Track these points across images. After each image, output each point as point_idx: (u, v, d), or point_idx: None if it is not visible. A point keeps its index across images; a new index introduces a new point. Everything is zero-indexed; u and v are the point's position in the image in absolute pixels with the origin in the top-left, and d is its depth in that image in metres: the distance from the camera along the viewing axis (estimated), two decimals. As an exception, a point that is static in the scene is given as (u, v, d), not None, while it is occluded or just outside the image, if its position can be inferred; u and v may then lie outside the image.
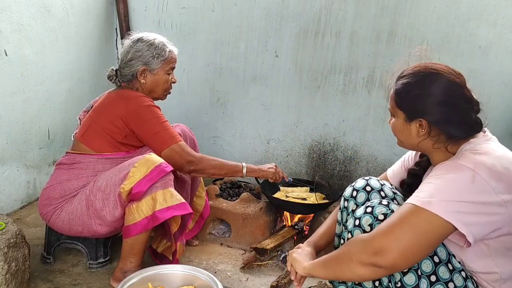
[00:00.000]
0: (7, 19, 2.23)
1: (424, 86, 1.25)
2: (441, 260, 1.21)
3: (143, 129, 1.87)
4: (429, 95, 1.24)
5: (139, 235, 1.77)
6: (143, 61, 1.94)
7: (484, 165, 1.12)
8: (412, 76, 1.29)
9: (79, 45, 2.79)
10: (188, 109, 3.12)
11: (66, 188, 1.85)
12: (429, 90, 1.24)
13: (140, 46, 1.95)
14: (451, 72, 1.27)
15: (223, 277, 1.99)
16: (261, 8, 2.77)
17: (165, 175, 1.77)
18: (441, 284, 1.19)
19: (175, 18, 2.98)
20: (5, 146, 2.35)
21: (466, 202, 1.09)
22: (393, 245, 1.10)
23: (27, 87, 2.42)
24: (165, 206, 1.74)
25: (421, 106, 1.25)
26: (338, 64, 2.71)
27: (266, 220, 2.33)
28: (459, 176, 1.12)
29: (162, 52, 1.96)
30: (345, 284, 1.28)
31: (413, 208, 1.12)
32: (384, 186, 1.48)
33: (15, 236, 1.62)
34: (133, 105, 1.87)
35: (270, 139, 2.99)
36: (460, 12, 2.41)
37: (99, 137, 1.89)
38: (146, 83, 1.98)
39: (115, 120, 1.86)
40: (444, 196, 1.10)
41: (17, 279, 1.61)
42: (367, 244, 1.15)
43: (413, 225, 1.10)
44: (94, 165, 1.88)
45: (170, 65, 2.01)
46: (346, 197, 1.51)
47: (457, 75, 1.27)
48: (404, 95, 1.29)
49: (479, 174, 1.10)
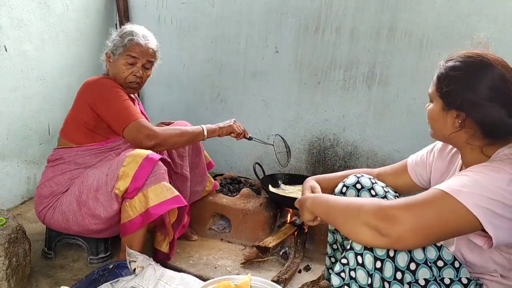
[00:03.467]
0: (7, 15, 2.22)
1: (471, 75, 1.14)
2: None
3: (105, 110, 1.86)
4: (474, 86, 1.13)
5: (136, 232, 1.79)
6: (110, 47, 1.98)
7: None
8: (461, 62, 1.17)
9: (79, 41, 2.79)
10: (188, 105, 3.12)
11: (52, 184, 1.87)
12: (476, 81, 1.13)
13: (115, 33, 2.00)
14: (505, 66, 1.14)
15: (223, 272, 1.99)
16: (261, 4, 2.77)
17: (156, 168, 1.78)
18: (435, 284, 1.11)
19: (175, 14, 2.98)
20: (6, 141, 2.35)
21: (499, 201, 1.02)
22: (408, 219, 1.02)
23: (27, 83, 2.42)
24: (157, 202, 1.75)
25: (463, 96, 1.14)
26: (338, 59, 2.70)
27: (266, 216, 2.33)
28: (495, 177, 1.05)
29: (123, 40, 1.94)
30: (340, 276, 1.23)
31: (440, 193, 1.05)
32: (375, 185, 1.45)
33: (15, 231, 1.62)
34: (96, 87, 1.89)
35: (270, 135, 2.98)
36: (461, 8, 2.41)
37: (76, 129, 1.91)
38: (109, 68, 2.01)
39: (84, 107, 1.88)
40: (476, 189, 1.03)
41: (18, 274, 1.62)
42: (381, 208, 1.06)
43: (437, 208, 1.03)
44: (74, 158, 1.89)
45: (129, 54, 1.93)
46: (336, 193, 1.49)
47: (510, 70, 1.14)
48: (447, 81, 1.17)
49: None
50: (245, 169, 3.01)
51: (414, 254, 1.09)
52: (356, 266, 1.13)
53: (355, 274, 1.13)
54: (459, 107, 1.16)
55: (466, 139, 1.18)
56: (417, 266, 1.09)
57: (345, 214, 1.14)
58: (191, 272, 1.90)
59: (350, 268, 1.15)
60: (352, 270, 1.15)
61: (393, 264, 1.09)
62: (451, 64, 1.19)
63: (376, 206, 1.08)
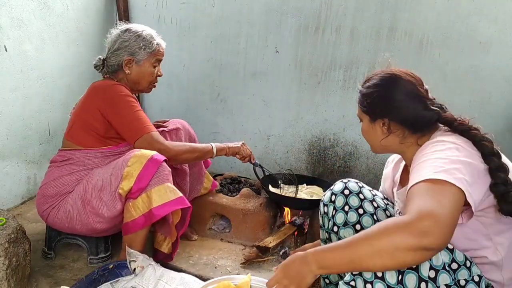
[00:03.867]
0: (7, 15, 2.22)
1: (385, 87, 1.34)
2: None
3: (117, 119, 1.85)
4: (389, 95, 1.32)
5: (138, 232, 1.79)
6: (129, 51, 1.93)
7: (460, 140, 1.19)
8: (375, 80, 1.37)
9: (79, 41, 2.79)
10: (188, 105, 3.12)
11: (59, 184, 1.86)
12: (389, 91, 1.32)
13: (127, 36, 1.94)
14: (410, 75, 1.34)
15: (223, 272, 1.99)
16: (261, 4, 2.77)
17: (161, 169, 1.78)
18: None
19: (175, 14, 2.98)
20: (6, 141, 2.35)
21: (463, 167, 1.09)
22: (438, 217, 0.97)
23: (27, 83, 2.42)
24: (160, 203, 1.75)
25: (382, 106, 1.33)
26: (338, 59, 2.70)
27: (266, 216, 2.34)
28: (446, 149, 1.15)
29: (149, 44, 1.95)
30: (351, 286, 1.14)
31: (425, 185, 1.06)
32: (362, 189, 1.48)
33: (15, 231, 1.62)
34: (108, 94, 1.86)
35: (270, 135, 2.99)
36: (461, 8, 2.41)
37: (85, 133, 1.88)
38: (131, 74, 1.96)
39: (94, 113, 1.85)
40: (442, 165, 1.09)
41: (18, 274, 1.62)
42: (408, 226, 0.98)
43: (441, 195, 1.02)
44: (84, 160, 1.88)
45: (157, 57, 1.99)
46: (326, 202, 1.51)
47: (413, 76, 1.34)
48: (367, 98, 1.37)
49: (460, 145, 1.16)
50: (245, 169, 3.01)
51: (432, 260, 1.08)
52: (374, 279, 1.09)
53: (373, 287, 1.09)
54: (382, 115, 1.34)
55: (399, 140, 1.34)
56: (436, 273, 1.08)
57: (374, 250, 1.01)
58: (191, 272, 1.90)
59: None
60: (368, 283, 1.10)
61: (417, 275, 1.07)
62: (367, 84, 1.38)
63: (402, 228, 0.99)
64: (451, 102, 2.09)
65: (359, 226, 1.43)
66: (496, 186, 1.13)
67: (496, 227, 1.20)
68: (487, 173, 1.14)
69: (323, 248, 1.11)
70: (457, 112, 1.32)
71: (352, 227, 1.43)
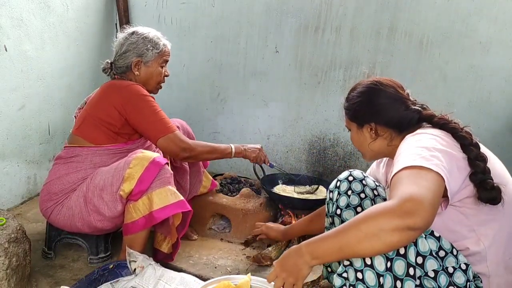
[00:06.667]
0: (7, 15, 2.22)
1: (367, 94, 1.43)
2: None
3: (138, 118, 1.87)
4: (372, 100, 1.41)
5: (138, 233, 1.79)
6: (137, 53, 1.96)
7: (440, 132, 1.25)
8: (358, 88, 1.47)
9: (79, 41, 2.79)
10: (188, 105, 3.12)
11: (65, 182, 1.86)
12: (372, 97, 1.42)
13: (135, 38, 1.97)
14: (390, 80, 1.44)
15: (223, 272, 1.99)
16: (261, 4, 2.77)
17: (162, 171, 1.78)
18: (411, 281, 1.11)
19: (175, 14, 2.98)
20: (6, 141, 2.35)
21: (439, 153, 1.14)
22: (421, 197, 1.01)
23: (27, 83, 2.42)
24: (161, 206, 1.75)
25: (367, 111, 1.42)
26: (338, 59, 2.71)
27: (266, 216, 2.34)
28: (421, 139, 1.21)
29: (156, 45, 1.98)
30: (343, 278, 1.22)
31: (405, 172, 1.10)
32: (366, 178, 1.51)
33: (15, 231, 1.62)
34: (127, 93, 1.87)
35: (270, 135, 2.99)
36: (461, 8, 2.41)
37: (96, 129, 1.89)
38: (140, 75, 1.99)
39: (110, 110, 1.86)
40: (421, 154, 1.13)
41: (18, 274, 1.62)
42: (393, 208, 1.02)
43: (420, 179, 1.06)
44: (91, 158, 1.88)
45: (164, 58, 2.02)
46: (331, 189, 1.54)
47: (393, 82, 1.44)
48: (351, 107, 1.47)
49: (439, 136, 1.21)
50: (245, 169, 3.01)
51: (419, 247, 1.11)
52: (364, 267, 1.13)
53: (363, 276, 1.13)
54: (368, 120, 1.42)
55: (387, 143, 1.41)
56: (424, 259, 1.11)
57: (362, 234, 1.04)
58: (191, 272, 1.90)
59: (356, 268, 1.14)
60: (359, 272, 1.13)
61: (405, 261, 1.11)
62: (352, 94, 1.49)
63: (387, 211, 1.03)
64: (451, 102, 2.10)
65: (360, 209, 1.44)
66: (475, 175, 1.19)
67: (478, 218, 1.22)
68: (466, 163, 1.19)
69: (315, 239, 1.15)
70: (457, 112, 1.34)
71: (353, 209, 1.44)
